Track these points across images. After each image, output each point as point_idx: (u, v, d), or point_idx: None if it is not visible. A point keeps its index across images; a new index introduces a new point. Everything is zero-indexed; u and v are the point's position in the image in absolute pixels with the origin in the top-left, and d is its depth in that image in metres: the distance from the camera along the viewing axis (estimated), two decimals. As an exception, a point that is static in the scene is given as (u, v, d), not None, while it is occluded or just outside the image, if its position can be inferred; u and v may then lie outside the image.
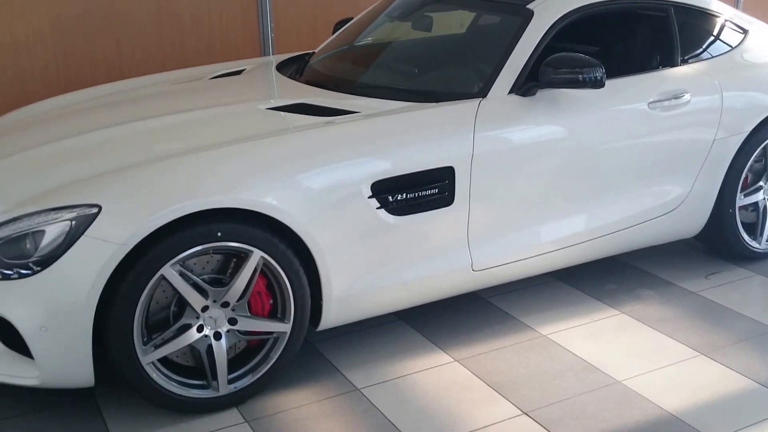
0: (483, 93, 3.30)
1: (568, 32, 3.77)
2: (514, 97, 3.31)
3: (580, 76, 3.21)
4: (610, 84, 3.49)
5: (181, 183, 2.72)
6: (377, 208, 3.00)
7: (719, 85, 3.70)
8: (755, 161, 3.98)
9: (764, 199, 4.02)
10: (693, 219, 3.85)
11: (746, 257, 4.08)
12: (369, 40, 4.03)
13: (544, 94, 3.34)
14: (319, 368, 3.19)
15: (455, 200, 3.15)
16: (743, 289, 3.81)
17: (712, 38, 3.97)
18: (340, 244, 2.95)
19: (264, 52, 5.66)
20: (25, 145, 3.20)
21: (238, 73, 4.08)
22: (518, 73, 3.33)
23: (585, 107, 3.39)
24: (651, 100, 3.54)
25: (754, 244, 4.03)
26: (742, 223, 4.05)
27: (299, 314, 2.95)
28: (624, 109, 3.49)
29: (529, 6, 3.51)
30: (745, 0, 7.49)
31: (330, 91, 3.52)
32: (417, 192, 3.07)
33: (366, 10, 4.37)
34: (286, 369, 3.06)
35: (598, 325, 3.49)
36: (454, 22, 3.93)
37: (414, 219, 3.09)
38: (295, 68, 4.05)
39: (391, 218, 3.04)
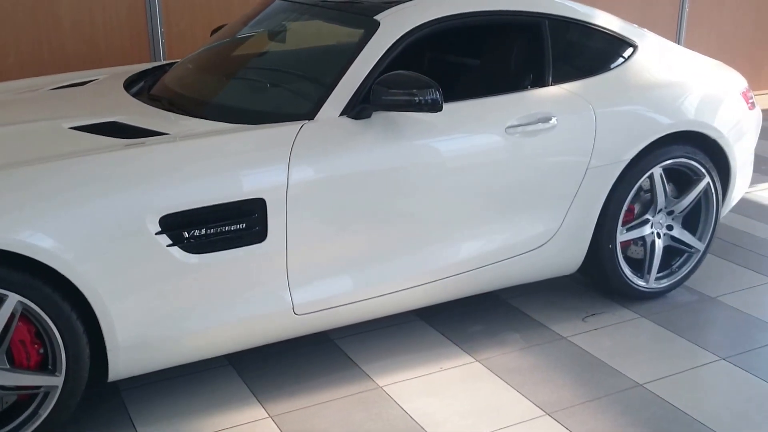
0: (311, 115, 2.93)
1: (426, 48, 3.43)
2: (346, 120, 2.94)
3: (416, 98, 2.85)
4: (462, 106, 3.15)
5: None
6: (168, 246, 2.63)
7: (593, 108, 3.34)
8: (644, 191, 3.62)
9: (652, 233, 3.65)
10: (567, 254, 3.48)
11: (632, 297, 3.71)
12: (217, 52, 3.66)
13: (381, 117, 2.98)
14: (113, 424, 2.82)
15: (268, 236, 2.78)
16: (619, 335, 3.44)
17: (592, 55, 3.61)
18: (124, 287, 2.59)
19: (154, 58, 5.30)
20: None
21: (83, 84, 3.71)
22: (353, 92, 2.97)
23: (427, 132, 3.02)
24: (509, 124, 3.17)
25: (639, 282, 3.66)
26: (631, 259, 3.69)
27: (73, 366, 2.59)
28: (472, 134, 3.13)
29: (377, 17, 3.15)
30: (691, 3, 7.15)
31: (157, 109, 3.15)
32: (219, 227, 2.70)
33: (236, 20, 4.01)
34: (69, 426, 2.69)
35: (445, 375, 3.13)
36: (309, 34, 3.55)
37: (218, 257, 2.72)
38: (146, 81, 3.69)
39: (188, 257, 2.67)
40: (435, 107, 2.86)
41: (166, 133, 2.87)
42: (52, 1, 4.81)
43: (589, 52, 3.61)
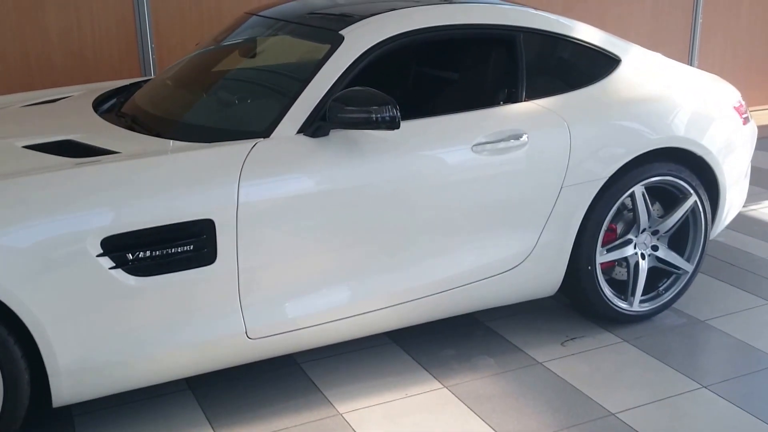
0: (267, 132, 2.84)
1: (394, 62, 3.32)
2: (302, 138, 2.85)
3: (373, 115, 2.74)
4: (427, 123, 3.04)
5: None
6: (111, 268, 2.55)
7: (567, 125, 3.20)
8: (627, 210, 3.48)
9: (636, 254, 3.50)
10: (544, 276, 3.35)
11: (615, 320, 3.56)
12: (184, 69, 3.57)
13: (340, 135, 2.87)
14: (60, 450, 2.75)
15: (218, 258, 2.69)
16: (598, 361, 3.29)
17: (570, 69, 3.48)
18: (64, 311, 2.51)
19: (144, 72, 5.26)
20: None
21: (55, 101, 3.66)
22: (311, 109, 2.87)
23: (387, 150, 2.91)
24: (476, 142, 3.05)
25: (623, 305, 3.51)
26: (615, 281, 3.55)
27: (11, 391, 2.52)
28: (435, 152, 3.01)
29: (342, 31, 3.05)
30: (705, 14, 6.96)
31: (118, 127, 3.09)
32: (165, 249, 2.61)
33: (210, 36, 3.94)
34: (9, 453, 2.62)
35: (409, 402, 3.01)
36: (277, 50, 3.46)
37: (164, 280, 2.64)
38: (119, 98, 3.64)
39: (132, 279, 2.58)
40: (392, 125, 2.76)
41: (118, 152, 2.80)
42: (38, 14, 4.78)
43: (567, 67, 3.49)
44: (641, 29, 6.67)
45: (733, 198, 3.75)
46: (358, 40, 3.01)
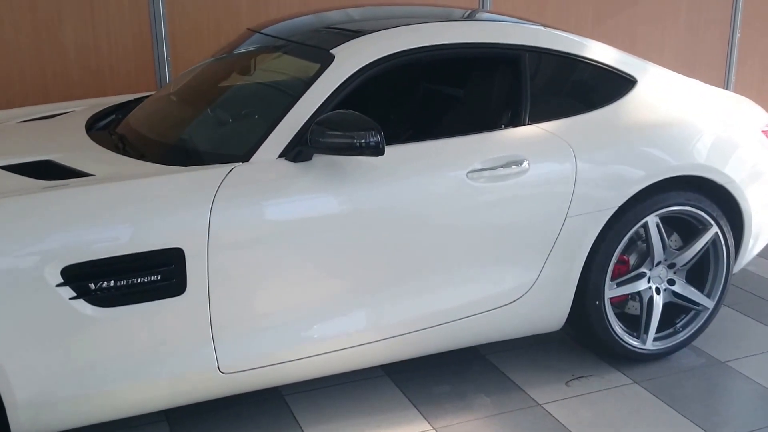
0: (247, 156, 2.70)
1: (389, 83, 3.16)
2: (284, 163, 2.70)
3: (356, 140, 2.58)
4: (419, 148, 2.87)
5: None
6: (72, 298, 2.42)
7: (573, 150, 2.99)
8: (641, 241, 3.25)
9: (649, 288, 3.26)
10: (547, 311, 3.13)
11: (627, 358, 3.32)
12: (176, 88, 3.45)
13: (323, 160, 2.71)
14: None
15: (188, 288, 2.55)
16: (603, 404, 3.06)
17: (580, 91, 3.27)
18: (20, 343, 2.40)
19: (161, 85, 5.17)
20: None
21: (53, 117, 3.58)
22: (296, 132, 2.72)
23: (373, 177, 2.74)
24: (472, 168, 2.86)
25: (634, 343, 3.27)
26: (628, 316, 3.32)
27: (-36, 425, 2.41)
28: (430, 179, 2.82)
29: (333, 50, 2.90)
30: (743, 29, 6.63)
31: (102, 148, 2.97)
32: (130, 279, 2.48)
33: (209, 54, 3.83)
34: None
35: (394, 444, 2.83)
36: (270, 69, 3.32)
37: (129, 311, 2.50)
38: (117, 114, 3.54)
39: (95, 310, 2.46)
40: (377, 151, 2.59)
41: (92, 175, 2.68)
42: (56, 31, 4.73)
43: (576, 88, 3.28)
44: (675, 46, 6.38)
45: (761, 228, 3.48)
46: (349, 59, 2.85)
